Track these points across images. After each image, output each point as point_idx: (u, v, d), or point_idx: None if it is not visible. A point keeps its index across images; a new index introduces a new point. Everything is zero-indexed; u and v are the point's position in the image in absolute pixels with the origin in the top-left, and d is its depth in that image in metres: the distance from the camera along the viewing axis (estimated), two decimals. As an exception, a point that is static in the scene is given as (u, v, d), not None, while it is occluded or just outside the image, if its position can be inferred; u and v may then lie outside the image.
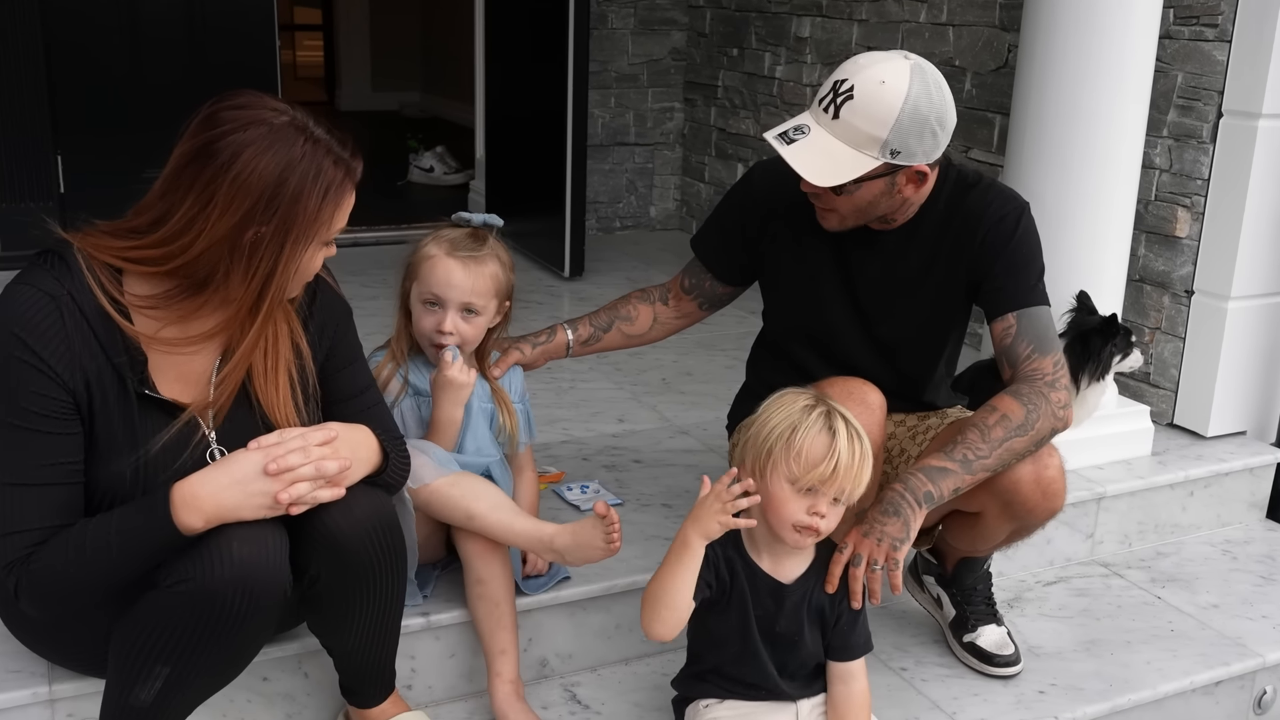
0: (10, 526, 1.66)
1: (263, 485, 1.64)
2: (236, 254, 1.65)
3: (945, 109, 2.11)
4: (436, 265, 2.18)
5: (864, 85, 2.06)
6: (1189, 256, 3.18)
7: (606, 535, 2.01)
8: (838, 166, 2.09)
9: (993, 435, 2.08)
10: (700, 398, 3.34)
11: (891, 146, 2.07)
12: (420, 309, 2.21)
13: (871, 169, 2.09)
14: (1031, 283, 2.24)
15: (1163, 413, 3.27)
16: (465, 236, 2.22)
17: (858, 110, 2.06)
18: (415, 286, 2.22)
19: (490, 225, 2.26)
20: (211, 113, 1.66)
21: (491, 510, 2.09)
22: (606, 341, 2.56)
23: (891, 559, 1.96)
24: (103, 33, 4.36)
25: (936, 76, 2.11)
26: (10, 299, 1.66)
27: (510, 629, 2.15)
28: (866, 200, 2.17)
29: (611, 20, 5.11)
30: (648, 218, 5.46)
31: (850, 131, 2.08)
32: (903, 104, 2.04)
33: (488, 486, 2.14)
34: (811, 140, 2.10)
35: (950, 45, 3.88)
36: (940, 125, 2.10)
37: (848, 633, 1.98)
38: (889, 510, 2.00)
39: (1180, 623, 2.65)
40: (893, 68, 2.07)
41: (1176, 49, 3.13)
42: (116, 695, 1.73)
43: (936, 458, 2.07)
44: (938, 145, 2.12)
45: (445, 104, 8.65)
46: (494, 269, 2.21)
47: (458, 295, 2.18)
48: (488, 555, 2.14)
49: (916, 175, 2.15)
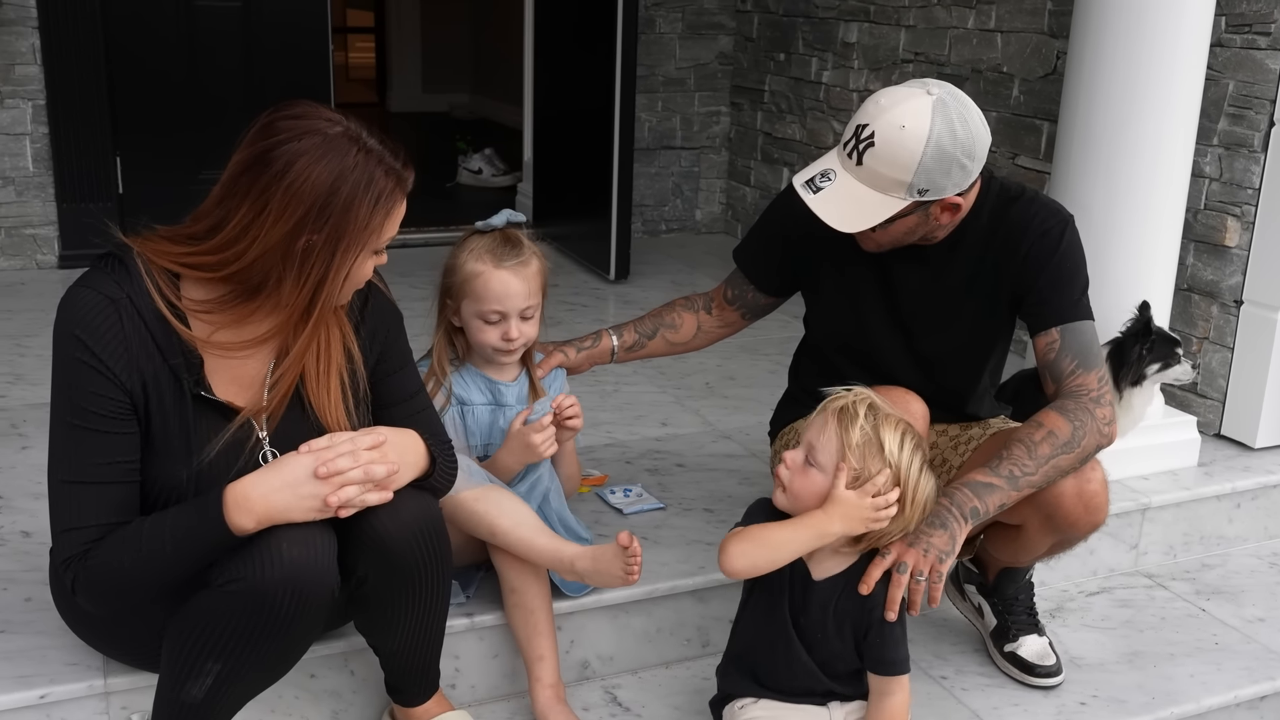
0: (68, 523, 1.70)
1: (313, 488, 1.67)
2: (289, 261, 1.68)
3: (972, 140, 2.08)
4: (490, 280, 2.19)
5: (884, 131, 2.04)
6: (1238, 266, 3.15)
7: (626, 566, 2.02)
8: (863, 211, 2.09)
9: (1039, 452, 2.08)
10: (743, 402, 3.35)
11: (918, 187, 2.07)
12: (477, 324, 2.22)
13: (898, 210, 2.09)
14: (1075, 297, 2.22)
15: (1210, 423, 3.24)
16: (502, 244, 2.22)
17: (880, 157, 2.05)
18: (467, 305, 2.22)
19: (515, 223, 2.26)
20: (268, 122, 1.68)
21: (514, 528, 2.11)
22: (651, 348, 2.57)
23: (936, 571, 1.96)
24: (161, 37, 4.43)
25: (962, 107, 2.07)
26: (72, 301, 1.69)
27: (547, 635, 2.17)
28: (902, 232, 2.17)
29: (659, 24, 5.12)
30: (693, 221, 5.47)
31: (874, 177, 2.07)
32: (924, 147, 2.03)
33: (514, 502, 2.15)
34: (837, 187, 2.11)
35: (998, 51, 3.87)
36: (969, 157, 2.08)
37: (880, 645, 1.97)
38: (935, 523, 1.99)
39: (1225, 636, 2.63)
40: (913, 108, 2.04)
41: (1228, 57, 3.10)
42: (169, 690, 1.76)
43: (983, 473, 2.06)
44: (967, 176, 2.11)
45: (495, 106, 8.69)
46: (537, 266, 2.23)
47: (517, 304, 2.20)
48: (519, 564, 2.16)
49: (950, 205, 2.14)
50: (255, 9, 4.55)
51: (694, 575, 2.38)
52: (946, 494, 2.04)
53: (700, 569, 2.39)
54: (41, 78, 4.19)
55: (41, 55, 4.17)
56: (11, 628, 2.08)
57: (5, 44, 4.13)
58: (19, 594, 2.19)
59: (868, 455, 1.89)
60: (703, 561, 2.41)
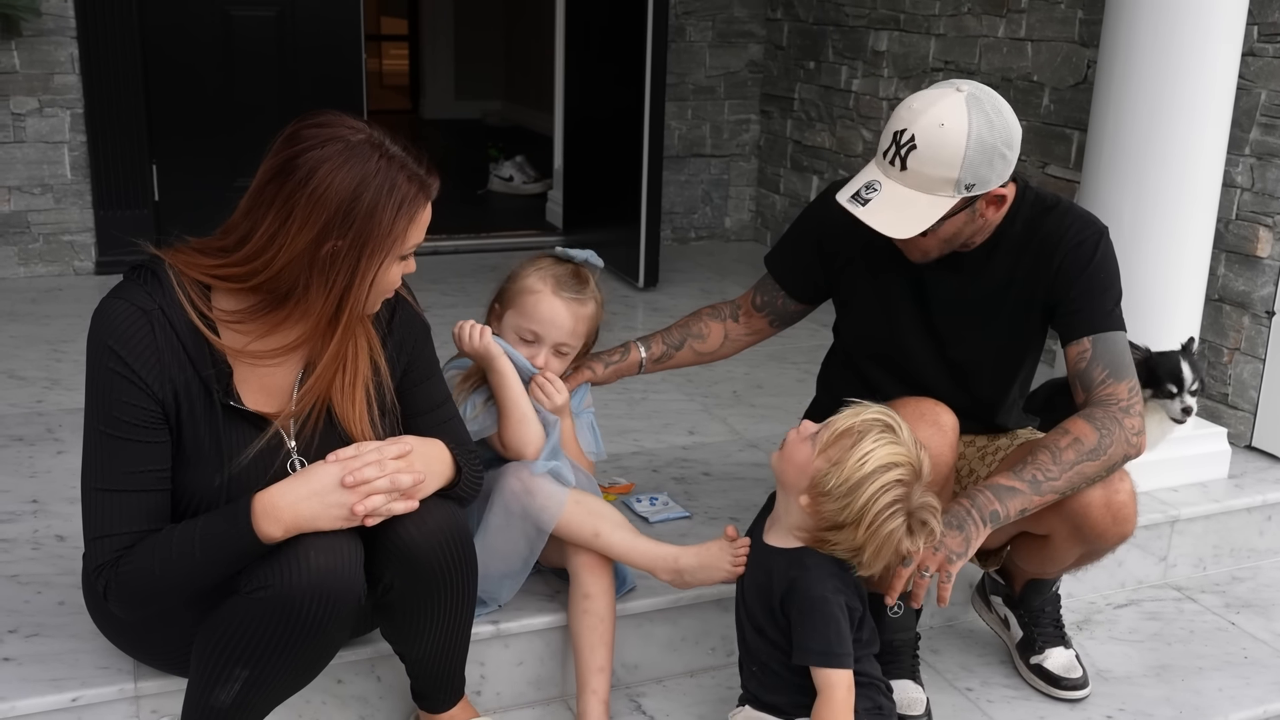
0: (100, 530, 1.72)
1: (340, 497, 1.69)
2: (315, 267, 1.69)
3: (1009, 130, 2.09)
4: (541, 302, 2.20)
5: (924, 132, 2.05)
6: (1270, 277, 3.14)
7: (734, 559, 2.05)
8: (918, 214, 2.09)
9: (1064, 458, 2.08)
10: (770, 410, 3.36)
11: (965, 182, 2.07)
12: (512, 338, 2.24)
13: (950, 208, 2.09)
14: (1109, 308, 2.22)
15: (1241, 435, 3.22)
16: (569, 275, 2.23)
17: (924, 158, 2.05)
18: (511, 316, 2.23)
19: (593, 266, 2.27)
20: (293, 131, 1.71)
21: (616, 528, 2.14)
22: (679, 359, 2.57)
23: (945, 570, 1.96)
24: (197, 46, 4.49)
25: (993, 100, 2.09)
26: (105, 312, 1.72)
27: (610, 646, 2.18)
28: (952, 232, 2.17)
29: (690, 33, 5.14)
30: (723, 229, 5.49)
31: (921, 180, 2.07)
32: (967, 140, 2.03)
33: (606, 505, 2.19)
34: (885, 196, 2.10)
35: (1029, 60, 3.86)
36: (1008, 146, 2.09)
37: (797, 625, 1.95)
38: (952, 523, 1.99)
39: (1254, 650, 2.61)
40: (948, 106, 2.05)
41: (1260, 66, 3.09)
42: (198, 695, 1.78)
43: (1006, 477, 2.07)
44: (1009, 165, 2.11)
45: (527, 113, 8.74)
46: (592, 311, 2.25)
47: (556, 335, 2.22)
48: (598, 570, 2.17)
49: (995, 198, 2.14)
50: (290, 18, 4.62)
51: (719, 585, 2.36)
52: (968, 495, 2.05)
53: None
54: (80, 87, 4.26)
55: (80, 65, 4.24)
56: (45, 631, 2.11)
57: (44, 54, 4.20)
58: (53, 598, 2.22)
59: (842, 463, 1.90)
60: None
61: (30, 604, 2.19)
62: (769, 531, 2.05)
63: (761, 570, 2.02)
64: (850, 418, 1.93)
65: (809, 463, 1.93)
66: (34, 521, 2.52)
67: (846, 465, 1.89)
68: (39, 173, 4.30)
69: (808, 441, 1.95)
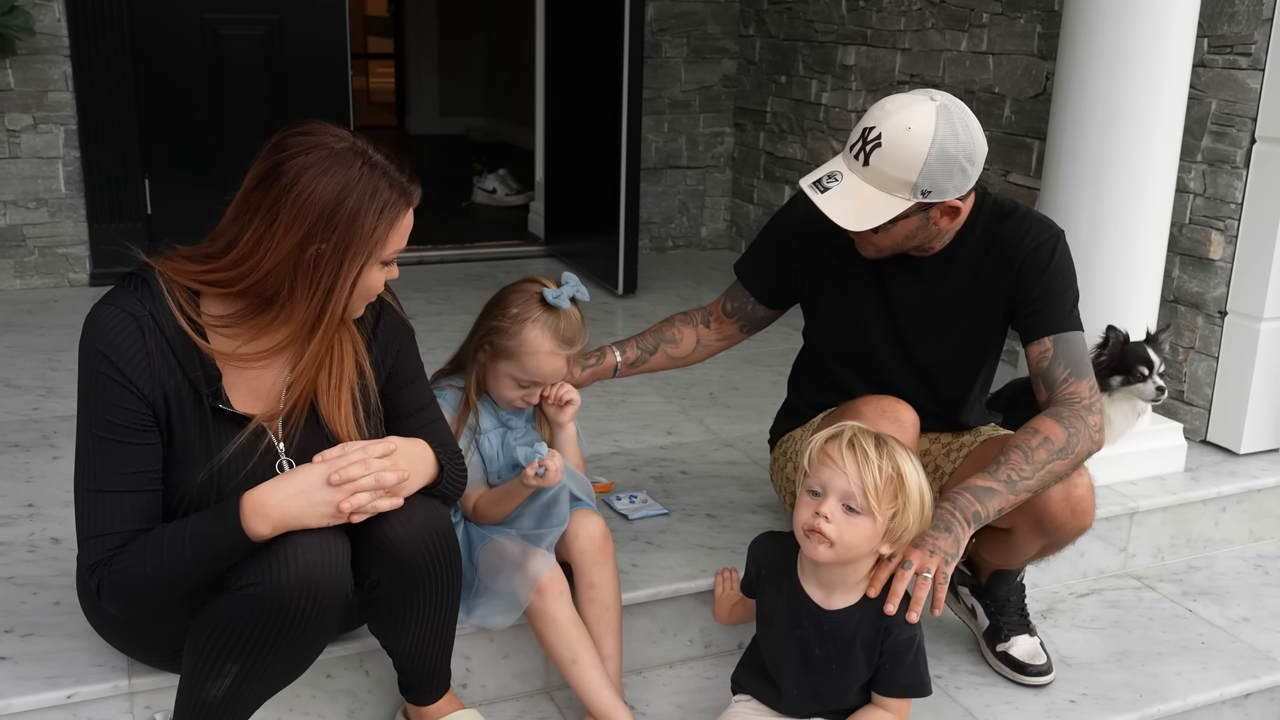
0: (93, 530, 1.74)
1: (326, 495, 1.71)
2: (300, 271, 1.72)
3: (973, 145, 2.14)
4: (544, 361, 2.19)
5: (891, 132, 2.10)
6: (1222, 278, 3.19)
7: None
8: (870, 210, 2.14)
9: (1036, 457, 2.11)
10: (745, 411, 3.39)
11: (922, 188, 2.11)
12: (508, 381, 2.22)
13: (903, 210, 2.13)
14: (1067, 308, 2.27)
15: (1196, 430, 3.27)
16: (567, 327, 2.20)
17: (886, 157, 2.10)
18: (508, 365, 2.20)
19: (578, 300, 2.25)
20: (279, 139, 1.73)
21: (590, 667, 2.16)
22: (652, 363, 2.61)
23: (941, 572, 1.96)
24: (187, 64, 4.52)
25: (963, 114, 2.13)
26: (96, 318, 1.74)
27: (617, 635, 2.21)
28: (903, 235, 2.21)
29: (665, 49, 5.19)
30: (699, 238, 5.52)
31: (881, 177, 2.12)
32: (929, 148, 2.08)
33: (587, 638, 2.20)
34: (844, 187, 2.15)
35: (990, 73, 3.91)
36: (969, 161, 2.14)
37: (891, 668, 1.96)
38: (940, 526, 2.00)
39: (1211, 635, 2.66)
40: (918, 112, 2.10)
41: (1210, 77, 3.14)
42: (190, 690, 1.80)
43: (982, 478, 2.09)
44: (968, 180, 2.16)
45: (509, 128, 8.75)
46: (580, 346, 2.26)
47: (554, 379, 2.24)
48: (600, 558, 2.20)
49: (950, 209, 2.19)
50: (278, 37, 4.65)
51: (697, 578, 2.42)
52: (949, 498, 2.06)
53: (703, 572, 2.43)
54: (73, 104, 4.29)
55: (73, 82, 4.27)
56: (40, 630, 2.13)
57: (39, 71, 4.24)
58: (48, 598, 2.23)
59: (899, 492, 1.89)
60: (705, 565, 2.45)
61: (26, 604, 2.21)
62: (829, 598, 1.98)
63: (836, 638, 1.98)
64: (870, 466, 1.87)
65: (874, 527, 1.89)
66: (30, 525, 2.54)
67: (910, 492, 1.89)
68: (34, 187, 4.33)
69: (853, 516, 1.88)
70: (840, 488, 1.88)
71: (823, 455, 1.90)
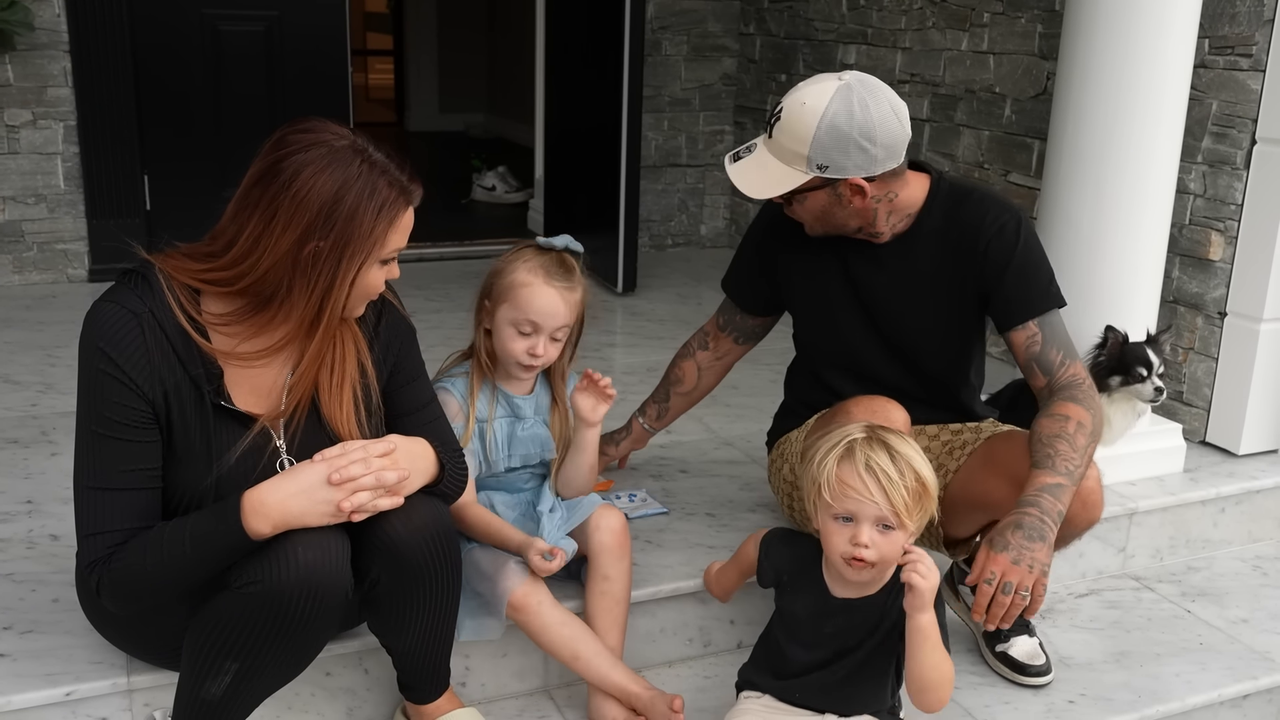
0: (93, 528, 1.74)
1: (326, 494, 1.71)
2: (299, 268, 1.72)
3: (871, 125, 2.15)
4: (535, 294, 2.21)
5: (789, 107, 2.19)
6: (1222, 279, 3.19)
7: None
8: (769, 180, 2.22)
9: (1078, 443, 2.11)
10: (744, 410, 3.40)
11: (817, 161, 2.17)
12: (510, 331, 2.24)
13: (803, 183, 2.20)
14: (1044, 286, 2.28)
15: (1195, 430, 3.28)
16: (555, 264, 2.24)
17: (783, 129, 2.19)
18: (505, 310, 2.23)
19: (574, 251, 2.29)
20: (279, 137, 1.73)
21: (595, 655, 2.18)
22: (674, 410, 2.76)
23: (1041, 584, 1.95)
24: (187, 60, 4.53)
25: (868, 94, 2.16)
26: (97, 315, 1.74)
27: (622, 629, 2.24)
28: (820, 208, 2.27)
29: (665, 47, 5.20)
30: (698, 235, 5.54)
31: (780, 150, 2.21)
32: (819, 123, 2.14)
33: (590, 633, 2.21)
34: (754, 158, 2.26)
35: (991, 73, 3.92)
36: (867, 139, 2.16)
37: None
38: (1034, 536, 1.96)
39: (1209, 636, 2.66)
40: (818, 89, 2.17)
41: (1211, 78, 3.15)
42: (189, 688, 1.80)
43: (1048, 474, 2.06)
44: (871, 159, 2.18)
45: (508, 125, 8.77)
46: (581, 295, 2.27)
47: (553, 323, 2.23)
48: (619, 553, 2.23)
49: (855, 187, 2.21)
50: (278, 33, 4.65)
51: (696, 578, 2.42)
52: (1033, 503, 2.02)
53: (701, 571, 2.43)
54: (72, 99, 4.30)
55: (73, 78, 4.28)
56: (39, 627, 2.13)
57: (38, 67, 4.25)
58: (47, 595, 2.23)
59: (923, 495, 1.88)
60: (704, 564, 2.45)
61: (25, 601, 2.22)
62: (863, 589, 1.96)
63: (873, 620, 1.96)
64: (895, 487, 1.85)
65: (907, 534, 1.88)
66: (29, 521, 2.54)
67: (930, 490, 1.88)
68: (33, 183, 4.33)
69: (889, 533, 1.87)
70: (872, 514, 1.87)
71: (842, 485, 1.87)
